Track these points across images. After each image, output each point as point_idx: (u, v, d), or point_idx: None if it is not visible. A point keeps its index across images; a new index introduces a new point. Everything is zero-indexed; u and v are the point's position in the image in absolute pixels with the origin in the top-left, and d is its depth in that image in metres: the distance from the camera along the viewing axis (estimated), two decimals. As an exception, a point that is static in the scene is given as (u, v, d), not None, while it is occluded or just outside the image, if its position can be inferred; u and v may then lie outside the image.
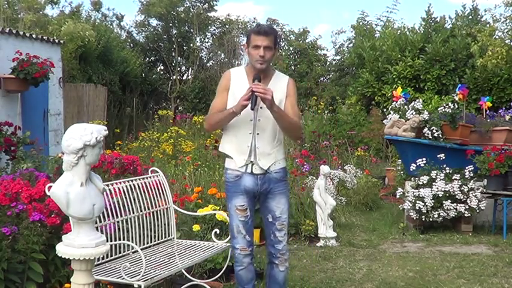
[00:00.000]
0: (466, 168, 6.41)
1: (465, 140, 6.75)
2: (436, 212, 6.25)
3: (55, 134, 8.94)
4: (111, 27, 15.66)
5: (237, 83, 3.27)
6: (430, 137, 6.70)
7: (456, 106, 6.89)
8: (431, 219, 6.33)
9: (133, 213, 3.73)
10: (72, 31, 11.01)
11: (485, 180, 6.31)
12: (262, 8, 30.86)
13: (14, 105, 7.75)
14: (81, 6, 14.49)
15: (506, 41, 9.61)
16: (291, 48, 17.27)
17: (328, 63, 17.29)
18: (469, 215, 6.29)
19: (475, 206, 6.19)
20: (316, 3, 28.79)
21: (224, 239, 4.00)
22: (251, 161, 3.22)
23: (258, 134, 3.22)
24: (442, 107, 6.89)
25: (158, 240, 3.94)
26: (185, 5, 16.59)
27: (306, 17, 29.83)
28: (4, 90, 7.55)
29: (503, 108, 7.85)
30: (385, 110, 11.18)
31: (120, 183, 3.75)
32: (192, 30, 16.66)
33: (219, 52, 17.14)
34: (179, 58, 16.97)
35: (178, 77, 16.78)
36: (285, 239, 3.34)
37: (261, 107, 3.19)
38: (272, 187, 3.29)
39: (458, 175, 6.36)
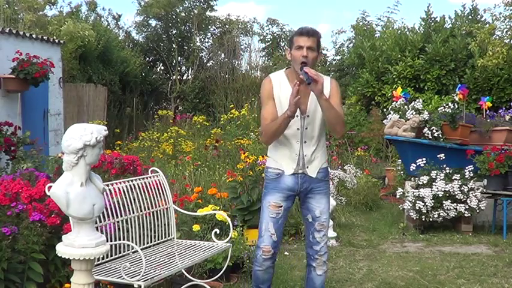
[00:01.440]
0: (466, 168, 6.41)
1: (465, 140, 6.75)
2: (436, 212, 6.25)
3: (55, 134, 8.94)
4: (109, 27, 15.65)
5: (279, 88, 3.22)
6: (430, 137, 6.70)
7: (456, 106, 6.89)
8: (431, 219, 6.33)
9: (133, 213, 3.73)
10: (72, 31, 11.00)
11: (485, 180, 6.31)
12: (264, 7, 30.87)
13: (14, 105, 7.75)
14: (80, 6, 14.49)
15: (506, 41, 9.61)
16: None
17: (328, 63, 17.29)
18: (469, 215, 6.30)
19: (475, 206, 6.19)
20: (318, 3, 28.81)
21: (224, 239, 4.00)
22: (300, 169, 3.23)
23: (305, 142, 3.23)
24: (442, 107, 6.89)
25: (158, 240, 3.94)
26: (184, 5, 16.59)
27: (307, 17, 29.85)
28: (4, 90, 7.55)
29: (503, 108, 7.85)
30: (385, 110, 11.18)
31: (120, 183, 3.75)
32: (192, 30, 16.66)
33: (219, 52, 17.13)
34: (179, 58, 16.97)
35: (178, 77, 16.77)
36: (323, 240, 3.34)
37: (308, 116, 3.19)
38: (313, 187, 3.29)
39: (458, 175, 6.36)
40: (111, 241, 3.40)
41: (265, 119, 3.20)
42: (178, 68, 17.10)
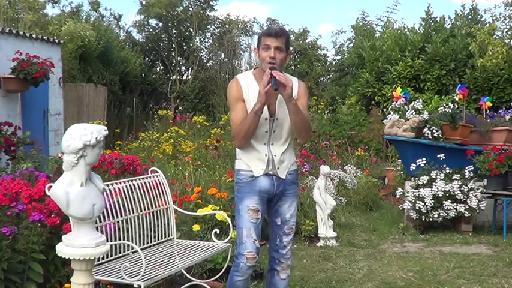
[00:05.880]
0: (466, 168, 6.41)
1: (465, 140, 6.75)
2: (436, 212, 6.25)
3: (55, 134, 8.95)
4: (110, 27, 15.67)
5: (247, 88, 3.13)
6: (430, 137, 6.70)
7: (456, 106, 6.89)
8: (431, 219, 6.33)
9: (133, 213, 3.73)
10: (72, 31, 11.01)
11: (485, 180, 6.31)
12: (267, 7, 30.93)
13: (14, 105, 7.75)
14: (81, 6, 14.50)
15: (506, 41, 9.62)
16: (291, 48, 17.23)
17: (328, 63, 17.31)
18: (469, 215, 6.30)
19: (475, 206, 6.19)
20: (322, 2, 28.84)
21: (224, 239, 4.00)
22: (270, 170, 3.14)
23: (272, 144, 3.15)
24: (442, 107, 6.89)
25: (158, 240, 3.93)
26: (184, 5, 16.60)
27: (311, 16, 29.90)
28: (4, 90, 7.55)
29: (503, 108, 7.86)
30: (385, 110, 11.20)
31: (120, 183, 3.75)
32: (191, 30, 16.67)
33: (219, 52, 17.14)
34: (179, 58, 16.98)
35: (178, 77, 16.78)
36: (290, 244, 3.24)
37: (277, 118, 3.12)
38: (286, 189, 3.21)
39: (458, 175, 6.37)
40: (111, 241, 3.39)
41: (236, 121, 3.08)
42: (178, 68, 17.11)
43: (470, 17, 12.69)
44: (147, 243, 3.83)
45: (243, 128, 3.03)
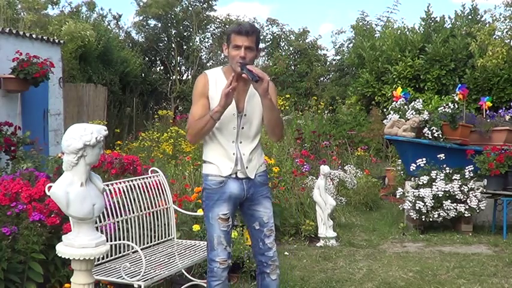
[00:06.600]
0: (466, 168, 6.41)
1: (465, 140, 6.75)
2: (436, 212, 6.25)
3: (55, 134, 8.94)
4: (109, 27, 15.67)
5: (215, 85, 3.03)
6: (430, 137, 6.70)
7: (456, 106, 6.90)
8: (431, 219, 6.33)
9: (133, 213, 3.74)
10: (72, 31, 11.00)
11: (485, 180, 6.31)
12: (268, 7, 30.91)
13: (14, 105, 7.75)
14: (80, 7, 14.50)
15: (506, 41, 9.62)
16: (291, 48, 17.28)
17: (328, 63, 17.30)
18: (469, 215, 6.30)
19: (475, 206, 6.19)
20: (322, 2, 28.87)
21: (224, 239, 3.99)
22: (238, 170, 3.05)
23: (241, 142, 3.07)
24: (442, 107, 6.89)
25: (158, 240, 3.94)
26: (183, 5, 16.60)
27: (311, 16, 29.94)
28: (4, 90, 7.55)
29: (503, 108, 7.86)
30: (385, 110, 11.19)
31: (120, 183, 3.75)
32: (191, 29, 16.67)
33: (219, 52, 17.14)
34: (179, 58, 16.98)
35: (178, 77, 16.78)
36: (274, 245, 3.19)
37: (245, 114, 3.05)
38: (257, 191, 3.13)
39: (458, 175, 6.37)
40: (111, 241, 3.40)
41: (194, 116, 3.00)
42: (178, 68, 17.11)
43: (470, 17, 12.69)
44: (147, 243, 3.84)
45: (197, 126, 2.97)
